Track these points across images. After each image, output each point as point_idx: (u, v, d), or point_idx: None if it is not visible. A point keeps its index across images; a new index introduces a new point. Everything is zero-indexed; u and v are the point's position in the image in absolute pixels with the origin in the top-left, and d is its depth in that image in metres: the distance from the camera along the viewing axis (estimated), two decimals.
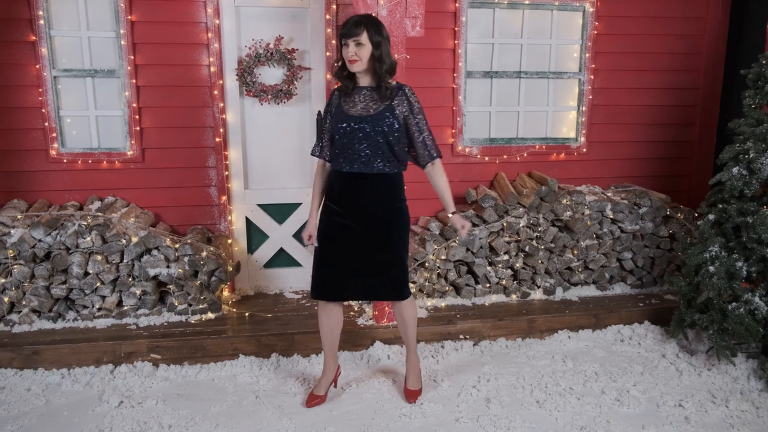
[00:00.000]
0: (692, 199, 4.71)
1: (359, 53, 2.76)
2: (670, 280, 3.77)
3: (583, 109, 4.57)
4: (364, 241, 2.94)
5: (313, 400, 3.13)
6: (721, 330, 3.43)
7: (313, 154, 3.07)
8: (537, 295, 4.25)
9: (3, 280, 3.63)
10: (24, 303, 3.67)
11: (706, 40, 4.62)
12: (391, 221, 2.96)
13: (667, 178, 4.79)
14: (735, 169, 3.45)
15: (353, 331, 3.67)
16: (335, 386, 3.26)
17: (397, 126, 2.85)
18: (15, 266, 3.64)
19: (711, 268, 3.45)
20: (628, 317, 4.04)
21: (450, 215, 3.02)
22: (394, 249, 2.98)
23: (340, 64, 2.88)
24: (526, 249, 4.16)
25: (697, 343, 3.64)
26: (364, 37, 2.75)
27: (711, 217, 3.59)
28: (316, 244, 3.02)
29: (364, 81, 2.89)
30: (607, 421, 2.99)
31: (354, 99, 2.89)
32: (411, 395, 3.18)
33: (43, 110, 3.94)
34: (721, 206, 3.55)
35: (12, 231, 3.66)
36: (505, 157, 4.53)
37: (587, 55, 4.49)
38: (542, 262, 4.19)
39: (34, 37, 3.84)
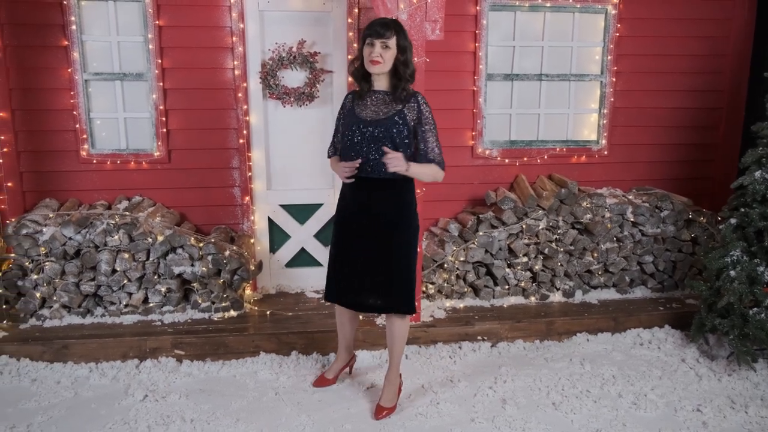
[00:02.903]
0: (716, 203, 4.63)
1: (384, 55, 2.73)
2: (691, 284, 3.73)
3: (605, 111, 4.55)
4: (369, 248, 2.88)
5: (322, 382, 3.25)
6: (742, 335, 3.39)
7: (329, 156, 3.13)
8: (556, 297, 4.25)
9: (35, 277, 3.77)
10: (55, 299, 3.80)
11: (732, 41, 4.56)
12: (396, 228, 2.88)
13: (690, 181, 4.74)
14: (758, 173, 3.41)
15: (372, 331, 3.72)
16: (350, 372, 3.36)
17: (406, 132, 2.79)
18: (46, 263, 3.77)
19: (732, 273, 3.42)
20: (648, 321, 4.02)
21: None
22: (399, 257, 2.88)
23: (358, 63, 2.84)
24: (546, 251, 4.16)
25: (718, 348, 3.60)
26: (393, 41, 2.73)
27: (733, 221, 3.56)
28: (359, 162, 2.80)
29: (380, 84, 2.85)
30: (623, 425, 2.99)
31: (366, 102, 2.86)
32: (378, 411, 3.02)
33: (74, 112, 4.07)
34: (743, 210, 3.52)
35: (44, 229, 3.79)
36: (525, 159, 4.53)
37: (609, 57, 4.46)
38: (561, 265, 4.19)
39: (66, 42, 3.97)
